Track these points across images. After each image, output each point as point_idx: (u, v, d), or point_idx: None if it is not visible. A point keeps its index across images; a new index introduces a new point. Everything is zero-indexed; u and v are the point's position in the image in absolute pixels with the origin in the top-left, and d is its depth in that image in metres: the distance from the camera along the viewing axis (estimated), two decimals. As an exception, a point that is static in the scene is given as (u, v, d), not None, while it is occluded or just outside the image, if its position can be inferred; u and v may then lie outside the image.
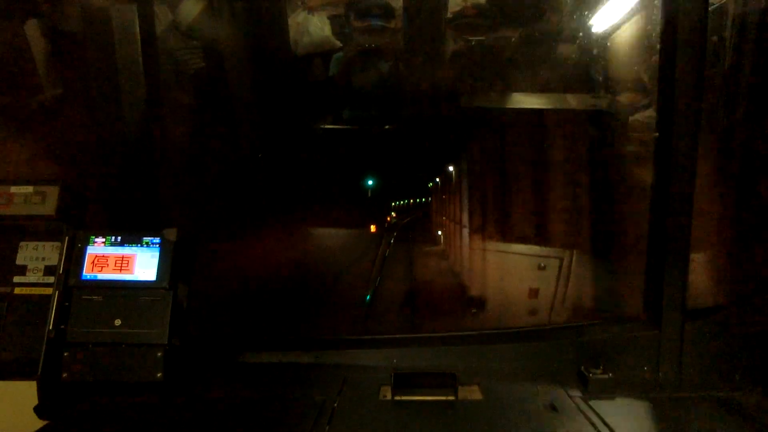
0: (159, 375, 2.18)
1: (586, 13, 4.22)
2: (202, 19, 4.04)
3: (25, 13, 3.11)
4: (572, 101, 4.54)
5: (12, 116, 3.02)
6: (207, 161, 4.21)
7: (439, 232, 7.90)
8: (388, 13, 4.52)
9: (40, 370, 2.09)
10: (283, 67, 4.68)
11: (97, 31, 2.62)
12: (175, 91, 4.13)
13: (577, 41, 4.34)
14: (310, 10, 4.92)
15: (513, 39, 4.63)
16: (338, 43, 4.87)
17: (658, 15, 2.68)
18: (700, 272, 2.86)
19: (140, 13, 2.78)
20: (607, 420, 2.14)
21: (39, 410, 2.08)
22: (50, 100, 3.18)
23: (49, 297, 2.18)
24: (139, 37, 2.74)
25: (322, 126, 4.83)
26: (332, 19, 4.95)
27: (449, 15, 4.72)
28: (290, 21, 4.73)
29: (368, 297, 5.70)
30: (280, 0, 4.51)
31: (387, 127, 4.77)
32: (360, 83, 4.63)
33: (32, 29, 3.14)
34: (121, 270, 2.26)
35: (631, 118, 3.94)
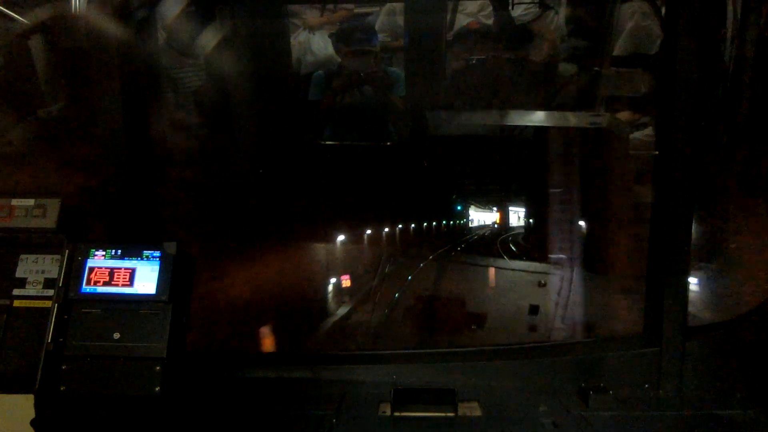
0: (157, 389, 2.16)
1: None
2: (218, 48, 4.10)
3: (29, 30, 3.14)
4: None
5: (15, 131, 3.04)
6: (208, 176, 4.23)
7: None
8: (371, 36, 4.57)
9: (38, 382, 2.08)
10: (286, 86, 4.74)
11: (100, 49, 2.65)
12: (177, 108, 4.17)
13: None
14: (311, 29, 4.99)
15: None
16: (341, 61, 4.91)
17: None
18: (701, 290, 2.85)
19: (143, 34, 2.81)
20: None
21: (36, 424, 2.06)
22: (52, 115, 3.20)
23: (48, 310, 2.18)
24: (141, 57, 2.77)
25: (320, 142, 4.86)
26: (331, 37, 5.03)
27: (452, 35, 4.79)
28: (291, 41, 4.79)
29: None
30: (284, 23, 4.57)
31: (387, 143, 4.79)
32: (351, 102, 4.67)
33: (36, 47, 3.18)
34: (120, 283, 2.25)
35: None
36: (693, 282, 2.75)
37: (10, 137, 3.03)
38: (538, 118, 4.97)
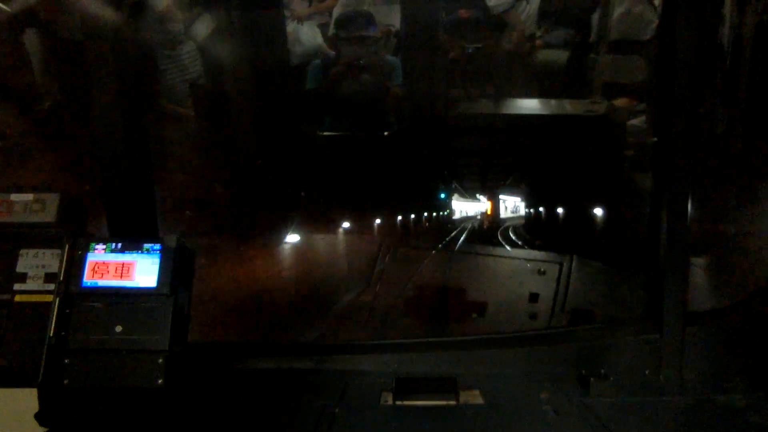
0: (160, 381, 2.16)
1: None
2: (213, 36, 4.08)
3: (25, 25, 3.12)
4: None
5: (13, 127, 3.02)
6: (206, 169, 4.23)
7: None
8: (370, 23, 4.55)
9: (41, 377, 2.08)
10: (281, 76, 4.72)
11: (97, 43, 2.63)
12: (174, 101, 4.15)
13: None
14: (299, 19, 4.97)
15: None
16: (331, 52, 4.90)
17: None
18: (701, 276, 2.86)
19: (139, 27, 2.79)
20: (608, 423, 2.14)
21: (40, 417, 2.06)
22: (50, 110, 3.18)
23: (49, 304, 2.17)
24: (136, 48, 2.75)
25: (319, 132, 4.84)
26: (320, 27, 5.00)
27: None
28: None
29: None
30: (278, 13, 4.55)
31: (385, 133, 4.78)
32: (350, 91, 4.65)
33: (32, 41, 3.16)
34: (121, 277, 2.24)
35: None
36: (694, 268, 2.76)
37: (6, 132, 3.01)
38: (533, 105, 4.98)
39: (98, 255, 2.26)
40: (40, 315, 2.17)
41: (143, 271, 2.25)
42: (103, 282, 2.24)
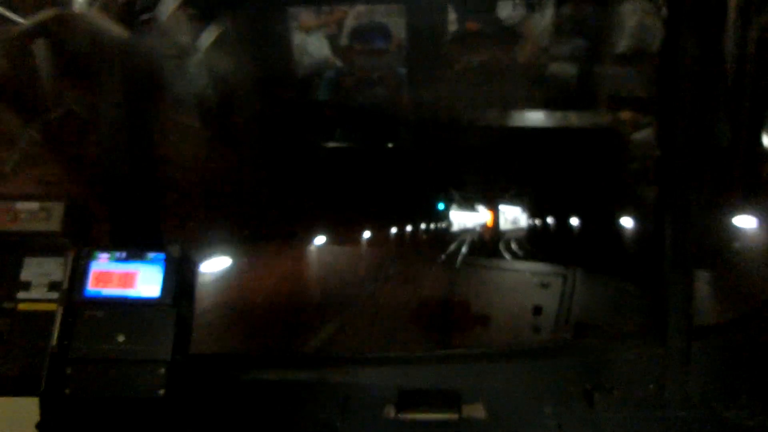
0: (161, 391, 2.16)
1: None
2: (216, 46, 4.10)
3: (33, 35, 3.15)
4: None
5: (20, 135, 3.04)
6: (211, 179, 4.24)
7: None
8: (386, 35, 4.56)
9: (42, 386, 2.08)
10: (287, 88, 4.74)
11: (103, 54, 2.65)
12: (180, 111, 4.17)
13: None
14: (306, 31, 4.99)
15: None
16: (339, 63, 4.92)
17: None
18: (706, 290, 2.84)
19: (145, 38, 2.82)
20: None
21: (41, 427, 2.06)
22: (57, 119, 3.21)
23: (53, 313, 2.17)
24: (144, 59, 2.77)
25: (325, 144, 4.85)
26: (328, 39, 5.02)
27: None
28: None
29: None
30: (285, 24, 4.57)
31: (389, 145, 4.79)
32: (362, 103, 4.65)
33: (41, 51, 3.19)
34: (124, 286, 2.24)
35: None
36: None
37: (14, 141, 3.03)
38: (538, 118, 4.98)
39: (102, 264, 2.26)
40: (43, 323, 2.16)
41: (146, 280, 2.25)
42: (106, 291, 2.24)
